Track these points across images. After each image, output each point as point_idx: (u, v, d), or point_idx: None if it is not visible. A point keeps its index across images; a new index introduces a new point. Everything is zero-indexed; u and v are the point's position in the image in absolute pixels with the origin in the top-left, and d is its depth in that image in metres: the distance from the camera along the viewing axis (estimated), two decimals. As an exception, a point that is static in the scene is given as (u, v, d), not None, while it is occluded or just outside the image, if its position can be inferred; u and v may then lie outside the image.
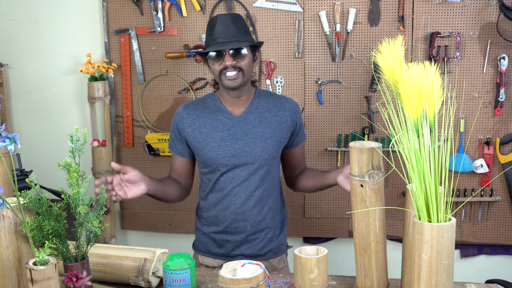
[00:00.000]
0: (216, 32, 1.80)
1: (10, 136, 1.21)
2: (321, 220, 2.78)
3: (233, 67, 1.79)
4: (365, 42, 2.59)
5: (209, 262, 2.00)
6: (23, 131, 2.97)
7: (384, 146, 2.59)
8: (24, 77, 2.93)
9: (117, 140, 2.86)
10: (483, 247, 2.75)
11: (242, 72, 1.81)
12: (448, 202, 1.14)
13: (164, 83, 2.76)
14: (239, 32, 1.81)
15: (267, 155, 1.88)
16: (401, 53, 1.24)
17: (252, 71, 1.88)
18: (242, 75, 1.82)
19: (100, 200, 1.37)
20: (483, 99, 2.56)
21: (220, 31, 1.80)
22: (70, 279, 1.26)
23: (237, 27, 1.81)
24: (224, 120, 1.90)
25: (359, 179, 1.41)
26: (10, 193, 1.56)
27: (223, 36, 1.79)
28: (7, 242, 1.31)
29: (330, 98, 2.65)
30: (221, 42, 1.79)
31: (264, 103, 1.93)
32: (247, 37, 1.83)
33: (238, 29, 1.81)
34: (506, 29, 2.49)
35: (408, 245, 1.43)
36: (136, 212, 2.92)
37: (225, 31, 1.79)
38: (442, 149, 1.15)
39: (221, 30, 1.79)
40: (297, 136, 1.98)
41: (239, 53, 1.79)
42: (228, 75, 1.80)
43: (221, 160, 1.87)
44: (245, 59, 1.81)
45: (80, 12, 2.82)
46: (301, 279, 1.43)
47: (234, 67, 1.80)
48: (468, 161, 2.59)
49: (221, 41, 1.79)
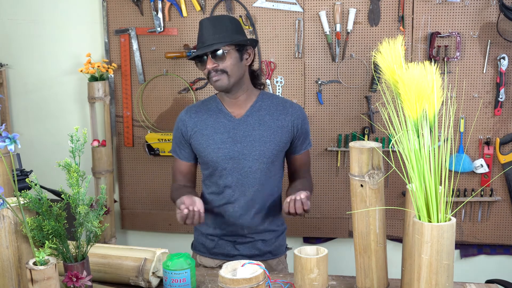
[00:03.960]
0: (200, 37, 1.82)
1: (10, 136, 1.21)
2: (321, 220, 2.78)
3: (214, 70, 1.80)
4: (365, 42, 2.59)
5: (207, 262, 2.00)
6: (23, 131, 2.97)
7: (384, 146, 2.59)
8: (24, 77, 2.93)
9: (117, 140, 2.86)
10: (483, 247, 2.75)
11: (226, 73, 1.80)
12: (448, 202, 1.14)
13: (164, 83, 2.76)
14: (221, 34, 1.79)
15: (265, 158, 1.87)
16: (401, 53, 1.24)
17: (241, 70, 1.84)
18: (227, 76, 1.81)
19: (100, 200, 1.37)
20: (483, 99, 2.56)
21: (202, 36, 1.81)
22: (70, 279, 1.27)
23: (220, 29, 1.80)
24: (225, 122, 1.90)
25: (359, 179, 1.41)
26: (10, 193, 1.56)
27: (203, 40, 1.80)
28: (7, 242, 1.31)
29: (330, 98, 2.65)
30: (202, 47, 1.80)
31: (266, 106, 1.91)
32: (232, 36, 1.80)
33: (220, 31, 1.79)
34: (506, 29, 2.49)
35: (408, 245, 1.43)
36: (136, 212, 2.92)
37: (206, 36, 1.79)
38: (442, 149, 1.15)
39: (204, 35, 1.80)
40: (300, 143, 1.94)
41: (218, 55, 1.78)
42: (213, 79, 1.81)
43: (221, 162, 1.87)
44: (225, 60, 1.79)
45: (80, 12, 2.82)
46: (301, 279, 1.43)
47: (215, 70, 1.80)
48: (468, 161, 2.59)
49: (202, 46, 1.80)
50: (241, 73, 1.85)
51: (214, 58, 1.78)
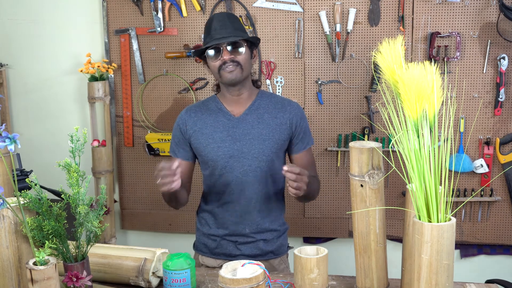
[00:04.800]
0: (213, 30, 1.84)
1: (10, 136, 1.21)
2: (321, 220, 2.78)
3: (231, 61, 1.82)
4: (365, 42, 2.59)
5: (209, 262, 2.00)
6: (23, 131, 2.97)
7: (384, 146, 2.59)
8: (24, 77, 2.93)
9: (117, 140, 2.86)
10: (483, 247, 2.75)
11: (240, 66, 1.83)
12: (448, 202, 1.14)
13: (164, 83, 2.76)
14: (235, 29, 1.84)
15: (264, 156, 1.88)
16: (401, 53, 1.24)
17: (250, 67, 1.90)
18: (241, 69, 1.84)
19: (100, 200, 1.37)
20: (483, 99, 2.56)
21: (217, 28, 1.83)
22: (70, 279, 1.27)
23: (233, 25, 1.84)
24: (224, 121, 1.90)
25: (359, 179, 1.41)
26: (10, 193, 1.56)
27: (220, 32, 1.82)
28: (7, 242, 1.31)
29: (330, 98, 2.65)
30: (218, 38, 1.82)
31: (264, 105, 1.93)
32: (243, 34, 1.86)
33: (234, 27, 1.84)
34: (506, 29, 2.49)
35: (408, 245, 1.43)
36: (136, 212, 2.92)
37: (222, 28, 1.83)
38: (442, 149, 1.15)
39: (218, 28, 1.83)
40: (300, 141, 1.93)
41: (237, 48, 1.82)
42: (227, 69, 1.83)
43: (220, 161, 1.88)
44: (243, 54, 1.84)
45: (80, 12, 2.82)
46: (301, 279, 1.43)
47: (232, 61, 1.82)
48: (468, 161, 2.59)
49: (218, 37, 1.82)
50: (250, 69, 1.90)
51: (231, 50, 1.82)
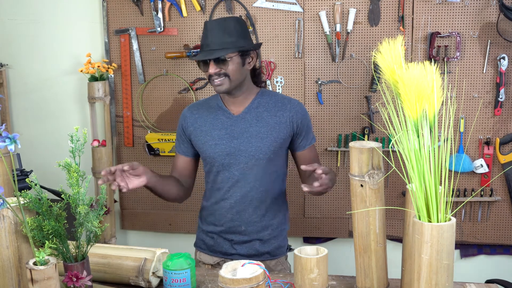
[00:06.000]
0: (204, 39, 1.83)
1: (10, 136, 1.21)
2: (321, 220, 2.78)
3: (217, 74, 1.81)
4: (365, 42, 2.59)
5: (205, 259, 2.02)
6: (23, 131, 2.97)
7: (384, 146, 2.59)
8: (24, 77, 2.93)
9: (117, 140, 2.86)
10: (483, 247, 2.75)
11: (228, 77, 1.81)
12: (448, 202, 1.14)
13: (164, 83, 2.77)
14: (224, 42, 1.80)
15: (262, 155, 1.88)
16: (401, 53, 1.24)
17: (243, 74, 1.86)
18: (228, 80, 1.82)
19: (100, 200, 1.37)
20: (483, 99, 2.56)
21: (207, 39, 1.82)
22: (70, 279, 1.27)
23: (225, 33, 1.80)
24: (223, 119, 1.92)
25: (359, 179, 1.41)
26: (10, 193, 1.57)
27: (208, 45, 1.81)
28: (7, 242, 1.31)
29: (330, 98, 2.65)
30: (206, 50, 1.81)
31: (264, 103, 1.93)
32: (237, 42, 1.81)
33: (225, 35, 1.80)
34: (506, 29, 2.49)
35: (408, 245, 1.43)
36: (136, 212, 2.92)
37: (211, 39, 1.80)
38: (442, 149, 1.15)
39: (208, 38, 1.81)
40: (303, 138, 1.94)
41: (222, 60, 1.80)
42: (214, 82, 1.82)
43: (218, 158, 1.89)
44: (229, 65, 1.80)
45: (80, 12, 2.82)
46: (301, 279, 1.43)
47: (218, 74, 1.81)
48: (468, 161, 2.59)
49: (206, 50, 1.81)
50: (242, 77, 1.87)
51: (217, 63, 1.80)
